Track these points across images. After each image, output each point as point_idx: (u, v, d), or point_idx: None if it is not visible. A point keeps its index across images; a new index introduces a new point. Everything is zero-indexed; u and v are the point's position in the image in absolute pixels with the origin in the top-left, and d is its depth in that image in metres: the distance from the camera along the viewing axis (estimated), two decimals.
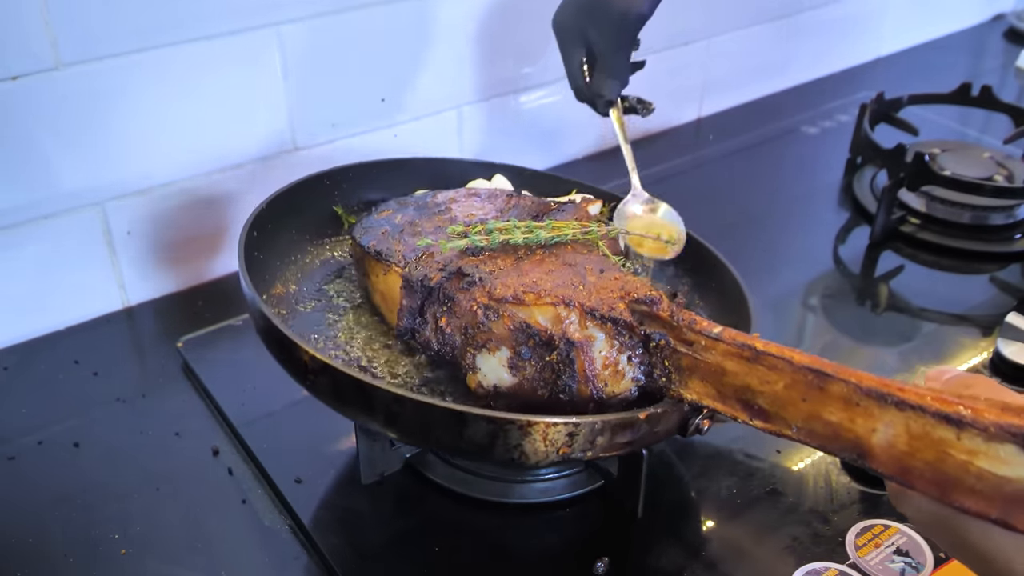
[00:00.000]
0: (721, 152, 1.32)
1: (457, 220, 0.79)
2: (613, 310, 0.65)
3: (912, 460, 0.51)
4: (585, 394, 0.66)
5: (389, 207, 0.85)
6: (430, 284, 0.70)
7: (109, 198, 0.93)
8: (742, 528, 0.74)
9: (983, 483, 0.48)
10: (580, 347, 0.65)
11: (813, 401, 0.55)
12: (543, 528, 0.75)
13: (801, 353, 0.57)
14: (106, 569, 0.70)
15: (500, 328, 0.67)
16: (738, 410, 0.60)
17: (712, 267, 0.87)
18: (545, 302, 0.66)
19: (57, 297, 0.94)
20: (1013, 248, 1.09)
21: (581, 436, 0.61)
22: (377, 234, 0.79)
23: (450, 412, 0.61)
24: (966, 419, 0.48)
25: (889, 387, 0.52)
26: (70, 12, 0.83)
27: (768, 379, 0.58)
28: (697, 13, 1.31)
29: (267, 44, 0.95)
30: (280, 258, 0.86)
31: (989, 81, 1.28)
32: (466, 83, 1.14)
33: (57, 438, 0.82)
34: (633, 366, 0.65)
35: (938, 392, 0.50)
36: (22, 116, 0.84)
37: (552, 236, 0.74)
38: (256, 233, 0.81)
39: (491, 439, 0.61)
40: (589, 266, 0.71)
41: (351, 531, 0.73)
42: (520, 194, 0.88)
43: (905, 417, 0.51)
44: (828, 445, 0.55)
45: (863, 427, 0.53)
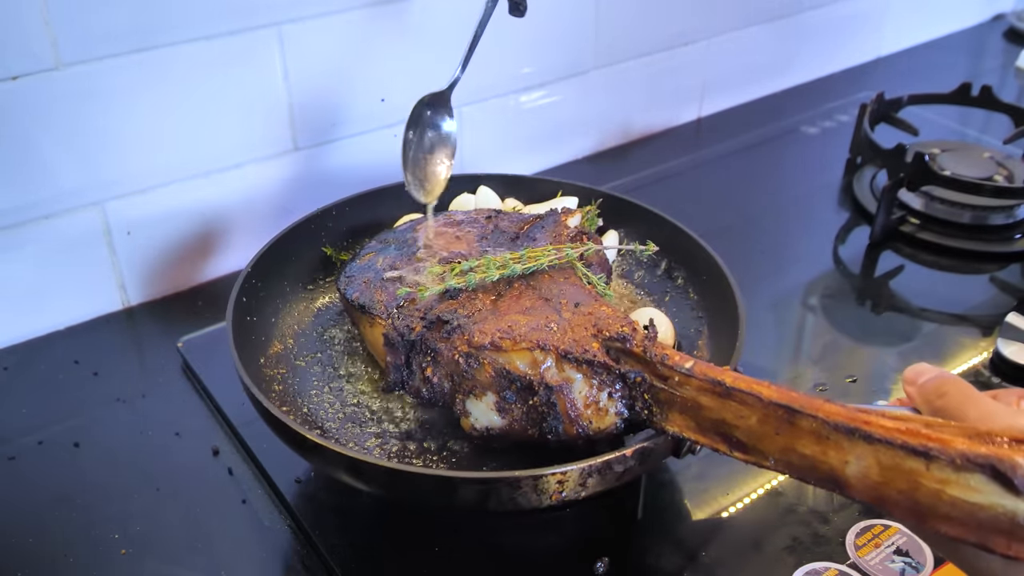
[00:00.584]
0: (721, 152, 1.32)
1: (438, 256, 0.80)
2: (587, 352, 0.66)
3: (887, 490, 0.51)
4: (572, 433, 0.67)
5: (371, 249, 0.86)
6: (411, 338, 0.72)
7: (109, 198, 0.93)
8: (742, 528, 0.74)
9: (957, 510, 0.48)
10: (559, 390, 0.66)
11: (786, 435, 0.56)
12: (543, 528, 0.74)
13: (770, 387, 0.57)
14: (106, 569, 0.70)
15: (483, 375, 0.68)
16: (718, 442, 0.61)
17: (702, 260, 0.87)
18: (522, 347, 0.67)
19: (57, 297, 0.94)
20: (1013, 248, 1.09)
21: (571, 481, 0.63)
22: (360, 284, 0.80)
23: (440, 479, 0.64)
24: (933, 451, 0.49)
25: (855, 420, 0.52)
26: (70, 12, 0.83)
27: (741, 414, 0.58)
28: (697, 13, 1.31)
29: (267, 44, 0.95)
30: (275, 314, 0.87)
31: (989, 81, 1.28)
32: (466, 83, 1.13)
33: (57, 438, 0.82)
34: (615, 401, 0.66)
35: (906, 421, 0.51)
36: (22, 116, 0.84)
37: (528, 267, 0.75)
38: (245, 299, 0.81)
39: (483, 497, 0.64)
40: (564, 300, 0.72)
41: (351, 531, 0.73)
42: (499, 213, 0.88)
43: (874, 450, 0.51)
44: (806, 476, 0.56)
45: (836, 459, 0.53)
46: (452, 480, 0.64)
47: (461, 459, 0.74)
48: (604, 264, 0.84)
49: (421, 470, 0.68)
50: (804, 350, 0.96)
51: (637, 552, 0.72)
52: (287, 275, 0.90)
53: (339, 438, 0.75)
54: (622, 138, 1.34)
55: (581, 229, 0.84)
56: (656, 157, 1.30)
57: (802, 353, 0.95)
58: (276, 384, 0.79)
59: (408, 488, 0.66)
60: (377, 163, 1.10)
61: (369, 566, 0.71)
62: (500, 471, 0.64)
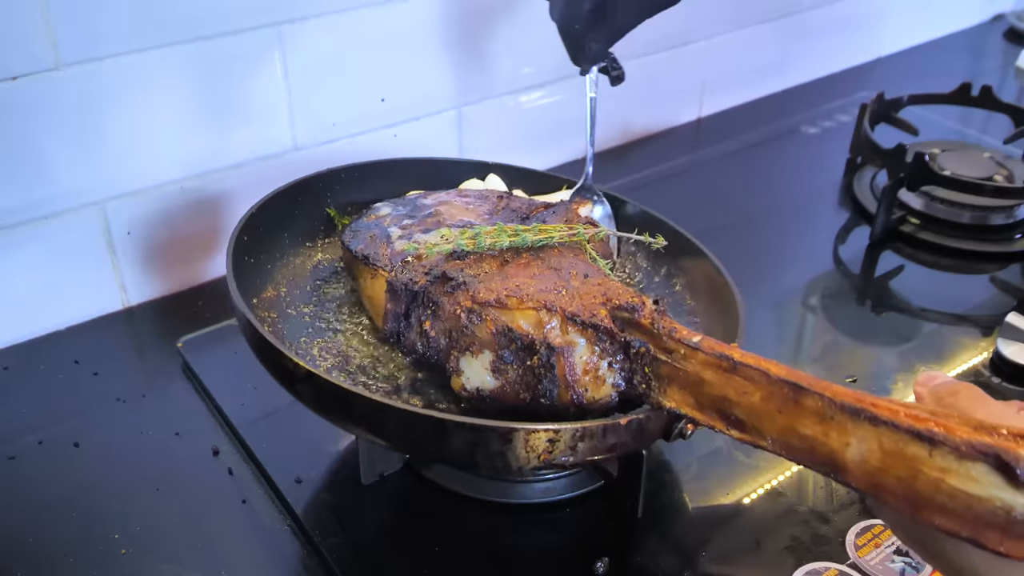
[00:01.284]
0: (721, 152, 1.32)
1: (445, 223, 0.80)
2: (594, 316, 0.65)
3: (885, 476, 0.51)
4: (566, 399, 0.66)
5: (379, 210, 0.85)
6: (414, 288, 0.71)
7: (109, 198, 0.93)
8: (742, 528, 0.74)
9: (955, 502, 0.48)
10: (561, 352, 0.65)
11: (788, 414, 0.55)
12: (543, 528, 0.75)
13: (778, 365, 0.57)
14: (106, 569, 0.70)
15: (483, 332, 0.67)
16: (716, 420, 0.60)
17: (702, 266, 0.87)
18: (527, 306, 0.66)
19: (57, 297, 0.94)
20: (1013, 248, 1.09)
21: (562, 442, 0.62)
22: (365, 238, 0.79)
23: (432, 420, 0.62)
24: (938, 437, 0.48)
25: (863, 402, 0.52)
26: (70, 12, 0.83)
27: (745, 390, 0.58)
28: (697, 13, 1.31)
29: (267, 44, 0.96)
30: (271, 261, 0.86)
31: (989, 81, 1.28)
32: (466, 83, 1.14)
33: (57, 438, 0.82)
34: (614, 372, 0.66)
35: (912, 408, 0.51)
36: (22, 116, 0.84)
37: (539, 239, 0.74)
38: (246, 237, 0.81)
39: (472, 447, 0.62)
40: (574, 271, 0.71)
41: (351, 531, 0.73)
42: (511, 195, 0.88)
43: (878, 433, 0.51)
44: (803, 458, 0.55)
45: (837, 441, 0.53)
46: (443, 423, 0.62)
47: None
48: (607, 256, 0.84)
49: (414, 408, 0.66)
50: (804, 350, 0.96)
51: (637, 552, 0.72)
52: (287, 228, 0.89)
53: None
54: (622, 138, 1.34)
55: (589, 219, 0.84)
56: (656, 157, 1.30)
57: (802, 353, 0.95)
58: (267, 326, 0.78)
59: (397, 427, 0.64)
60: None
61: (369, 566, 0.71)
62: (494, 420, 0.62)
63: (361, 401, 0.64)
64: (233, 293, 0.72)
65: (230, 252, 0.77)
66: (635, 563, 0.71)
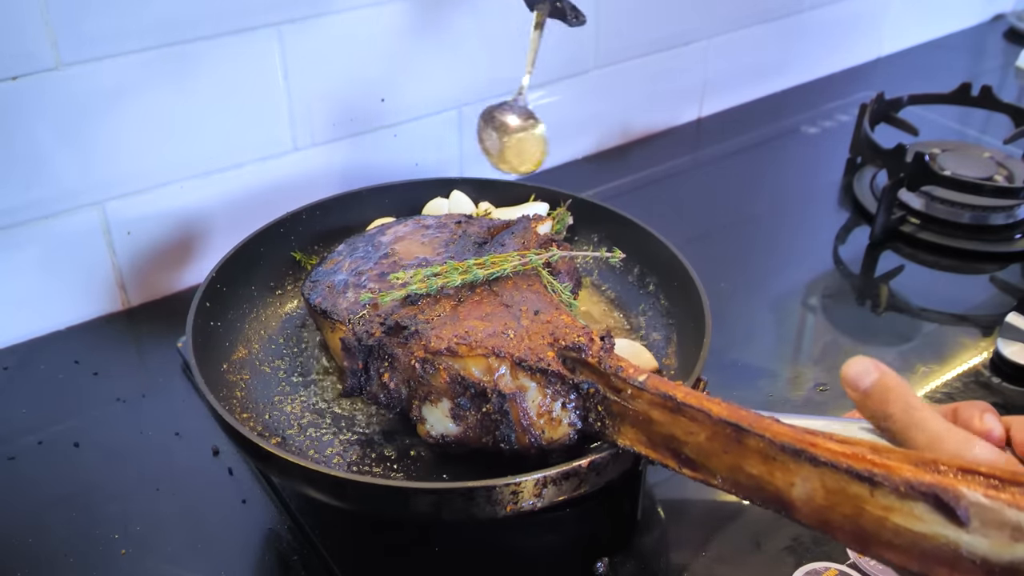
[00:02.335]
0: (721, 152, 1.32)
1: (401, 263, 0.80)
2: (541, 360, 0.65)
3: (832, 514, 0.51)
4: (524, 443, 0.67)
5: (338, 254, 0.85)
6: (369, 343, 0.71)
7: (109, 198, 0.93)
8: (742, 528, 0.74)
9: (900, 538, 0.48)
10: (512, 398, 0.66)
11: (733, 453, 0.55)
12: (543, 528, 0.74)
13: (720, 404, 0.57)
14: (106, 569, 0.70)
15: (438, 381, 0.68)
16: (668, 458, 0.60)
17: (673, 266, 0.87)
18: (477, 353, 0.67)
19: (57, 297, 0.94)
20: (1013, 248, 1.09)
21: (526, 492, 0.63)
22: (323, 289, 0.79)
23: (394, 489, 0.64)
24: (877, 477, 0.48)
25: (803, 442, 0.52)
26: (70, 12, 0.83)
27: (691, 430, 0.58)
28: (697, 13, 1.31)
29: (267, 44, 0.95)
30: (240, 319, 0.86)
31: (989, 81, 1.28)
32: (466, 83, 1.14)
33: (57, 438, 0.82)
34: (568, 412, 0.66)
35: (853, 446, 0.50)
36: (22, 116, 0.84)
37: (491, 273, 0.74)
38: (209, 303, 0.81)
39: (437, 508, 0.63)
40: (525, 307, 0.71)
41: (351, 531, 0.73)
42: (470, 218, 0.88)
43: (820, 473, 0.51)
44: (753, 496, 0.55)
45: (782, 481, 0.53)
46: (404, 490, 0.63)
47: (422, 466, 0.73)
48: (573, 273, 0.84)
49: (372, 480, 0.68)
50: (804, 350, 0.96)
51: (637, 552, 0.72)
52: (254, 280, 0.89)
53: (299, 446, 0.75)
54: (622, 138, 1.34)
55: (551, 236, 0.84)
56: (656, 157, 1.30)
57: (802, 353, 0.95)
58: (238, 390, 0.79)
59: (360, 498, 0.65)
60: (377, 163, 1.10)
61: (369, 566, 0.71)
62: (455, 481, 0.63)
63: (321, 477, 0.64)
64: (196, 377, 0.72)
65: (191, 324, 0.77)
66: (635, 563, 0.71)
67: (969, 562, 0.46)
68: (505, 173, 0.97)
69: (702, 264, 0.86)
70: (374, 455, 0.75)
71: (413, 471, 0.73)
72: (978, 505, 0.45)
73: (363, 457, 0.74)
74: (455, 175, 1.18)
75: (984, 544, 0.46)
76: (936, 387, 0.89)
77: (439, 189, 1.00)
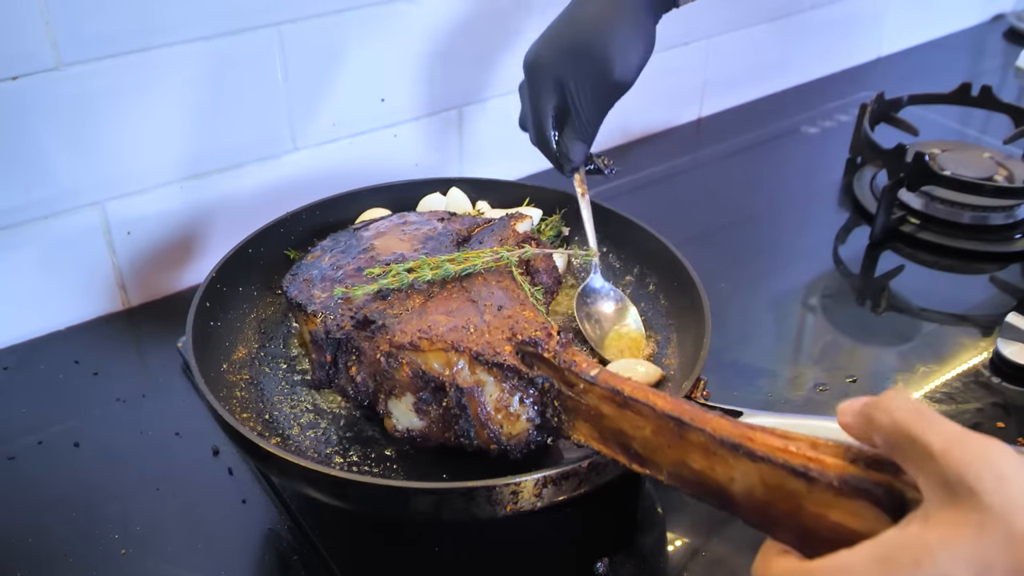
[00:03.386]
0: (721, 152, 1.32)
1: (378, 259, 0.80)
2: (498, 355, 0.66)
3: (771, 510, 0.51)
4: (483, 438, 0.67)
5: (320, 249, 0.85)
6: (337, 336, 0.72)
7: (109, 198, 0.93)
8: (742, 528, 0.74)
9: (840, 536, 0.47)
10: (470, 392, 0.66)
11: (676, 448, 0.56)
12: (543, 528, 0.74)
13: (665, 399, 0.57)
14: (106, 569, 0.70)
15: (401, 375, 0.68)
16: (618, 453, 0.60)
17: (673, 266, 0.87)
18: (437, 347, 0.67)
19: (57, 297, 0.94)
20: (1013, 248, 1.09)
21: (526, 492, 0.63)
22: (300, 283, 0.79)
23: (394, 489, 0.64)
24: (812, 472, 0.48)
25: (741, 437, 0.52)
26: (70, 12, 0.83)
27: (637, 424, 0.58)
28: (697, 13, 1.31)
29: (267, 44, 0.95)
30: (241, 319, 0.86)
31: (989, 81, 1.28)
32: (466, 83, 1.14)
33: (57, 438, 0.82)
34: (527, 407, 0.66)
35: (791, 441, 0.50)
36: (22, 116, 0.84)
37: (462, 269, 0.75)
38: (209, 303, 0.81)
39: (437, 508, 0.63)
40: (490, 302, 0.71)
41: (351, 531, 0.73)
42: (452, 216, 0.88)
43: (757, 468, 0.51)
44: (697, 492, 0.55)
45: (723, 475, 0.53)
46: (404, 491, 0.63)
47: (422, 466, 0.74)
48: (551, 272, 0.84)
49: (372, 480, 0.68)
50: (804, 350, 0.96)
51: (637, 552, 0.72)
52: (254, 280, 0.89)
53: (299, 445, 0.75)
54: (622, 138, 1.34)
55: (529, 235, 0.84)
56: (656, 157, 1.30)
57: (802, 353, 0.95)
58: (238, 390, 0.79)
59: (360, 498, 0.66)
60: (377, 163, 1.10)
61: (369, 566, 0.71)
62: (455, 481, 0.64)
63: (321, 477, 0.65)
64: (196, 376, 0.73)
65: (191, 325, 0.77)
66: (635, 563, 0.71)
67: None
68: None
69: (702, 264, 0.86)
70: (374, 455, 0.75)
71: (414, 471, 0.73)
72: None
73: (363, 457, 0.74)
74: (455, 175, 1.18)
75: None
76: (936, 387, 0.89)
77: (438, 188, 1.00)
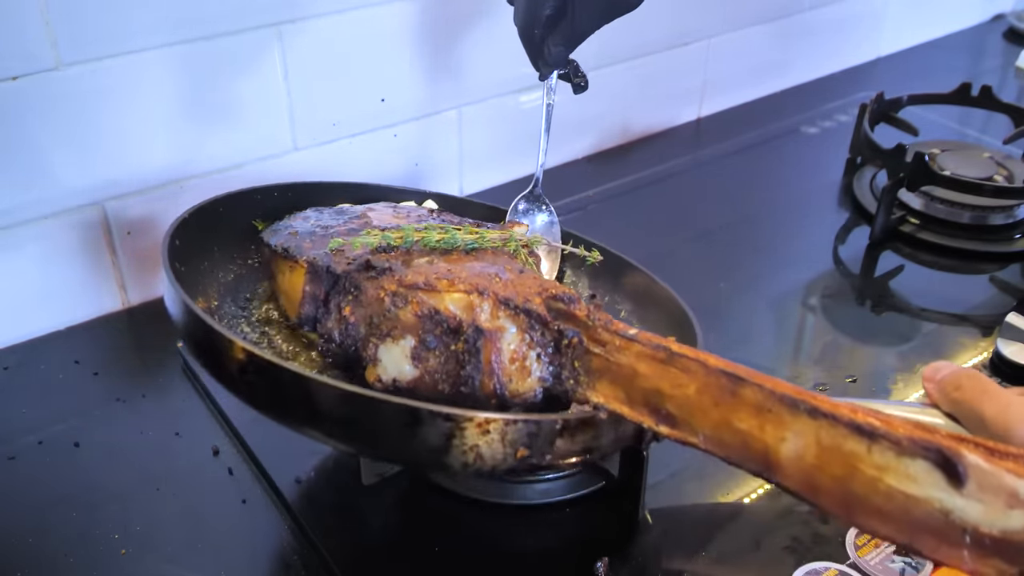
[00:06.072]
0: (721, 152, 1.32)
1: (372, 224, 0.77)
2: (528, 302, 0.63)
3: (820, 475, 0.49)
4: (487, 388, 0.64)
5: (303, 215, 0.82)
6: (336, 271, 0.68)
7: (109, 198, 0.93)
8: (742, 528, 0.74)
9: (891, 503, 0.47)
10: (489, 336, 0.63)
11: (724, 407, 0.54)
12: (543, 528, 0.75)
13: (716, 357, 0.55)
14: (106, 569, 0.70)
15: (407, 315, 0.64)
16: (645, 415, 0.58)
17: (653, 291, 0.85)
18: (458, 289, 0.64)
19: (57, 297, 0.94)
20: (1013, 248, 1.09)
21: (542, 436, 0.59)
22: (286, 234, 0.76)
23: (405, 409, 0.57)
24: (879, 431, 0.47)
25: (802, 394, 0.50)
26: (70, 12, 0.83)
27: (680, 382, 0.56)
28: (697, 13, 1.31)
29: (267, 44, 0.96)
30: (204, 273, 0.81)
31: (989, 81, 1.28)
32: (466, 83, 1.14)
33: (57, 438, 0.82)
34: (542, 365, 0.64)
35: (852, 405, 0.49)
36: (22, 116, 0.84)
37: (471, 239, 0.72)
38: (178, 242, 0.77)
39: (447, 439, 0.58)
40: (509, 267, 0.70)
41: (351, 531, 0.73)
42: (442, 211, 0.87)
43: (816, 426, 0.49)
44: (735, 455, 0.54)
45: (772, 436, 0.51)
46: (418, 412, 0.57)
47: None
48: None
49: (384, 396, 0.59)
50: (804, 350, 0.96)
51: (637, 552, 0.72)
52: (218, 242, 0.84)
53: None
54: (622, 138, 1.34)
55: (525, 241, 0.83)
56: (656, 157, 1.30)
57: (802, 353, 0.95)
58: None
59: (368, 421, 0.59)
60: (377, 163, 1.10)
61: (369, 566, 0.71)
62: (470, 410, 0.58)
63: (327, 390, 0.58)
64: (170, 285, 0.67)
65: (165, 250, 0.72)
66: (635, 563, 0.71)
67: (959, 530, 0.45)
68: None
69: (702, 264, 0.86)
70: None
71: None
72: (977, 467, 0.45)
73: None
74: (455, 175, 1.18)
75: (978, 510, 0.45)
76: None
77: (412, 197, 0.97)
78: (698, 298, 0.83)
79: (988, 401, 0.53)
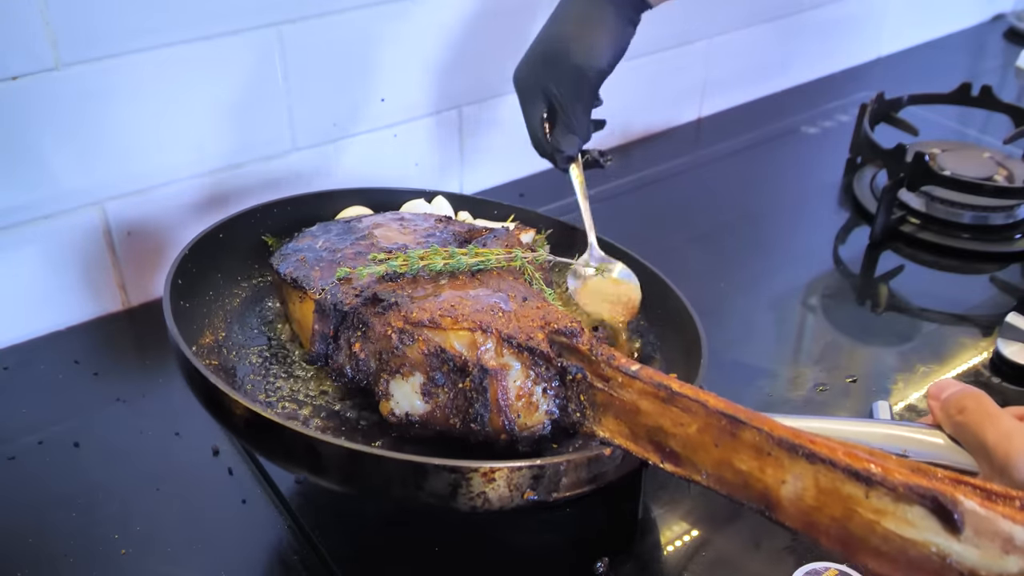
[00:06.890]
0: (721, 152, 1.32)
1: (379, 246, 0.77)
2: (531, 339, 0.64)
3: (819, 515, 0.50)
4: (497, 425, 0.65)
5: (310, 234, 0.82)
6: (344, 309, 0.69)
7: (109, 198, 0.93)
8: (742, 528, 0.74)
9: (888, 545, 0.47)
10: (494, 375, 0.64)
11: (725, 447, 0.54)
12: (543, 528, 0.75)
13: (716, 398, 0.56)
14: (106, 569, 0.70)
15: (415, 352, 0.65)
16: (650, 451, 0.59)
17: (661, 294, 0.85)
18: (462, 327, 0.65)
19: (57, 297, 0.94)
20: (1013, 248, 1.09)
21: (547, 478, 0.61)
22: (294, 261, 0.77)
23: (410, 464, 0.59)
24: (875, 477, 0.47)
25: (801, 438, 0.51)
26: (70, 12, 0.83)
27: (682, 421, 0.56)
28: (697, 13, 1.31)
29: (267, 44, 0.95)
30: (207, 304, 0.83)
31: (989, 81, 1.28)
32: (466, 83, 1.14)
33: (57, 438, 0.82)
34: (548, 399, 0.65)
35: (850, 447, 0.50)
36: (22, 116, 0.84)
37: (475, 262, 0.72)
38: (180, 281, 0.78)
39: (453, 488, 0.60)
40: (513, 293, 0.70)
41: (351, 531, 0.73)
42: (450, 219, 0.86)
43: (815, 470, 0.50)
44: (737, 494, 0.54)
45: (772, 477, 0.52)
46: (424, 467, 0.58)
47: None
48: (549, 283, 0.83)
49: (391, 453, 0.61)
50: (804, 350, 0.96)
51: (637, 552, 0.72)
52: (223, 267, 0.85)
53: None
54: (622, 138, 1.34)
55: (531, 247, 0.82)
56: (656, 157, 1.30)
57: (802, 353, 0.95)
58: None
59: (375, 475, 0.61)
60: (377, 163, 1.10)
61: (369, 566, 0.71)
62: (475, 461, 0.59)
63: (329, 449, 0.60)
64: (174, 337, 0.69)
65: (167, 294, 0.74)
66: (635, 563, 0.71)
67: (956, 573, 0.46)
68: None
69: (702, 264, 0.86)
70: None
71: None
72: (973, 513, 0.45)
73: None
74: (455, 175, 1.18)
75: (974, 555, 0.45)
76: None
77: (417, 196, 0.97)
78: (698, 298, 0.83)
79: (991, 427, 0.53)
